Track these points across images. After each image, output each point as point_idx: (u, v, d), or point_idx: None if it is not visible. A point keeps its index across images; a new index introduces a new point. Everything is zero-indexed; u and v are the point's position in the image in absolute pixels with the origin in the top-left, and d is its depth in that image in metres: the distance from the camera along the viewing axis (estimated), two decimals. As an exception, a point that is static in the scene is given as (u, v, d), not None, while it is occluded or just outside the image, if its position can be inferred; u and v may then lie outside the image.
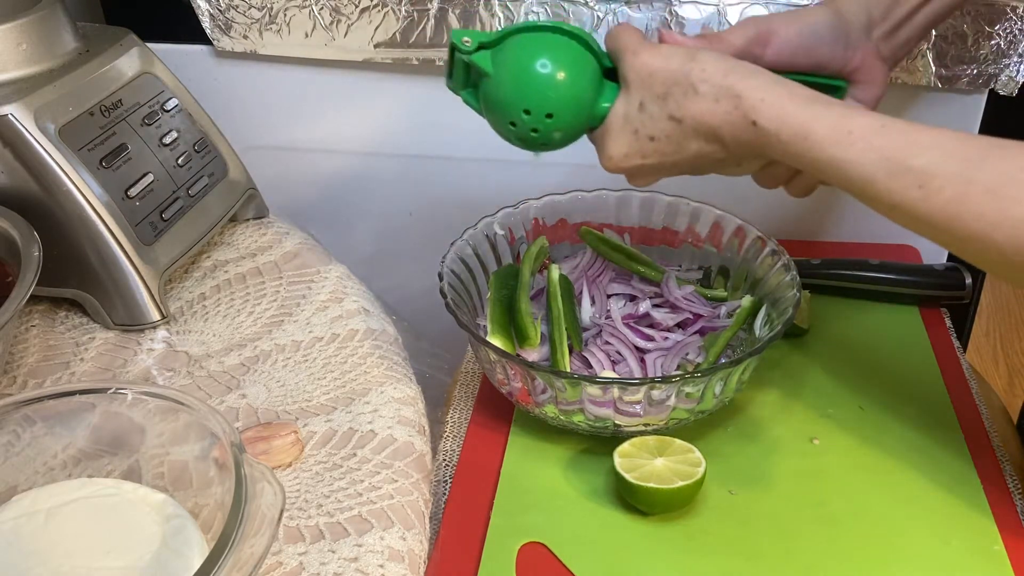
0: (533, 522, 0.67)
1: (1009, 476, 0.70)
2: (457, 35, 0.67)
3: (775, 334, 0.70)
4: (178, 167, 0.82)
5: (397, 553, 0.59)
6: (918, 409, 0.76)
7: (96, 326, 0.78)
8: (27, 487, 0.57)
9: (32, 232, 0.66)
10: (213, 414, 0.55)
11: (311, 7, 0.95)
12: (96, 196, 0.73)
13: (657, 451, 0.68)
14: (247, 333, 0.77)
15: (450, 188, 1.07)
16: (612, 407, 0.68)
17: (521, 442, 0.74)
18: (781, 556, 0.64)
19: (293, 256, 0.87)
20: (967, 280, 0.87)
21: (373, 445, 0.66)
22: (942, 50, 0.90)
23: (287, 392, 0.71)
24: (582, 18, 0.92)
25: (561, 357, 0.73)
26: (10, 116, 0.70)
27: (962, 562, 0.63)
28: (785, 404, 0.77)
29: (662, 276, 0.81)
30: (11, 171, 0.72)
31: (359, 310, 0.80)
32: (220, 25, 0.97)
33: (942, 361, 0.81)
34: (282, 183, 1.04)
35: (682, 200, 0.84)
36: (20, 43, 0.74)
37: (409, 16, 0.94)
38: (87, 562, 0.53)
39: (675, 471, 0.66)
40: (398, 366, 0.75)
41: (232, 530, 0.48)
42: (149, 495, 0.57)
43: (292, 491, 0.63)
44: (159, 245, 0.78)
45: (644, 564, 0.64)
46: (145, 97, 0.81)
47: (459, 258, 0.79)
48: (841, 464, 0.71)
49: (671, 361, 0.74)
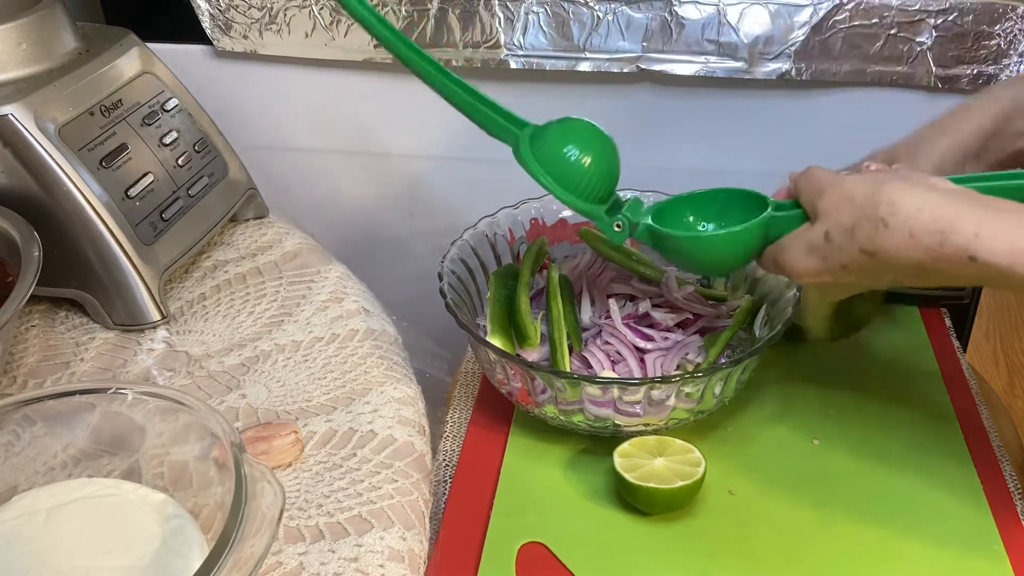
0: (533, 522, 0.67)
1: (1009, 476, 0.70)
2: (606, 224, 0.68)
3: (775, 334, 0.70)
4: (178, 167, 0.82)
5: (397, 553, 0.59)
6: (918, 409, 0.76)
7: (96, 326, 0.78)
8: (27, 487, 0.57)
9: (32, 232, 0.66)
10: (213, 414, 0.55)
11: (311, 7, 0.95)
12: (96, 196, 0.73)
13: (657, 451, 0.68)
14: (247, 333, 0.77)
15: (450, 188, 1.07)
16: (612, 407, 0.68)
17: (521, 442, 0.74)
18: (781, 556, 0.64)
19: (293, 256, 0.87)
20: (967, 280, 0.86)
21: (373, 445, 0.66)
22: (942, 50, 0.90)
23: (287, 392, 0.71)
24: (582, 18, 0.92)
25: (561, 357, 0.73)
26: (10, 116, 0.70)
27: (962, 562, 0.63)
28: (785, 404, 0.77)
29: (662, 276, 0.81)
30: (11, 171, 0.72)
31: (359, 310, 0.80)
32: (220, 25, 0.97)
33: (942, 361, 0.81)
34: (282, 183, 1.04)
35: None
36: (20, 43, 0.74)
37: (409, 16, 0.94)
38: (87, 562, 0.53)
39: (675, 471, 0.66)
40: (398, 366, 0.75)
41: (232, 530, 0.48)
42: (149, 495, 0.57)
43: (292, 491, 0.63)
44: (159, 245, 0.78)
45: (644, 564, 0.64)
46: (145, 97, 0.81)
47: (459, 258, 0.79)
48: (841, 464, 0.71)
49: (671, 361, 0.74)
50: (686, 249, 0.66)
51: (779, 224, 0.62)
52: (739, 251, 0.64)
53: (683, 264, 0.69)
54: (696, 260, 0.66)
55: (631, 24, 0.92)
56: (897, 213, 0.54)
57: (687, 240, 0.66)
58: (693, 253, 0.66)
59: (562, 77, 0.96)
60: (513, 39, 0.94)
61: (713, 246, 0.65)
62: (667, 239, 0.66)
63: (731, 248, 0.64)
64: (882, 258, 0.56)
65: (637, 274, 0.82)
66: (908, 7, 0.88)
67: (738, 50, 0.92)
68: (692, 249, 0.66)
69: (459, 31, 0.94)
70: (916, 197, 0.54)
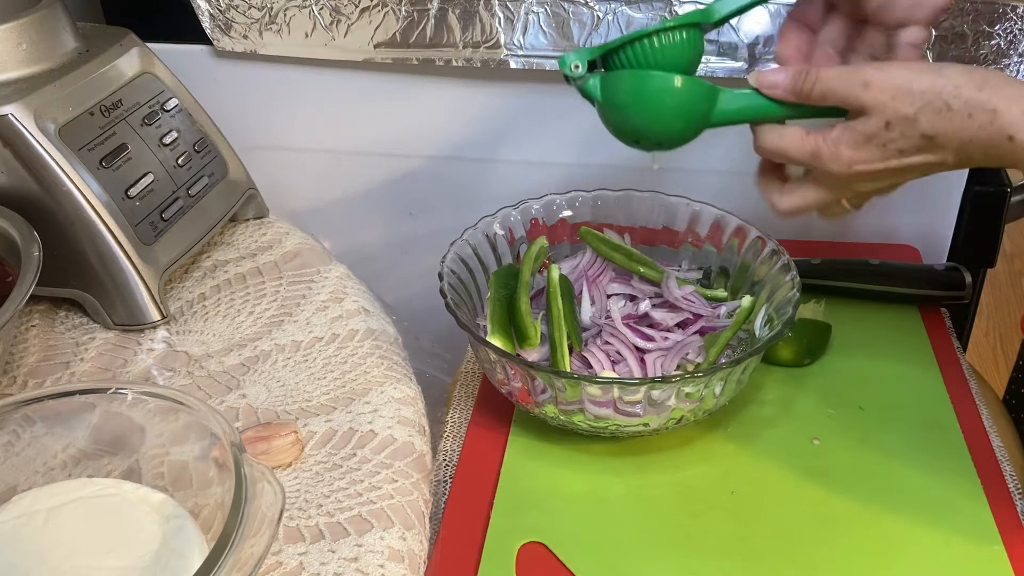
0: (533, 522, 0.67)
1: (1009, 476, 0.70)
2: (565, 62, 0.67)
3: (775, 334, 0.70)
4: (178, 167, 0.82)
5: (397, 553, 0.59)
6: (918, 409, 0.76)
7: (96, 326, 0.78)
8: (27, 487, 0.57)
9: (32, 232, 0.66)
10: (213, 414, 0.55)
11: (311, 7, 0.95)
12: (96, 196, 0.73)
13: None
14: (247, 333, 0.77)
15: (450, 188, 1.07)
16: (612, 407, 0.68)
17: (521, 442, 0.74)
18: (781, 556, 0.64)
19: (293, 256, 0.87)
20: (967, 280, 0.86)
21: (373, 445, 0.66)
22: (942, 50, 0.90)
23: (287, 392, 0.71)
24: (582, 18, 0.92)
25: (561, 357, 0.73)
26: (10, 116, 0.70)
27: (962, 562, 0.63)
28: (785, 404, 0.77)
29: (662, 276, 0.81)
30: (11, 171, 0.72)
31: (359, 310, 0.80)
32: (220, 25, 0.97)
33: (942, 361, 0.81)
34: (282, 183, 1.04)
35: (682, 200, 0.84)
36: (20, 43, 0.74)
37: (409, 16, 0.94)
38: (87, 562, 0.53)
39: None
40: (398, 366, 0.75)
41: (232, 530, 0.48)
42: (149, 495, 0.57)
43: (292, 491, 0.63)
44: (159, 245, 0.78)
45: (644, 564, 0.64)
46: (145, 97, 0.81)
47: (459, 258, 0.79)
48: (841, 464, 0.71)
49: (671, 361, 0.74)
50: (634, 90, 0.65)
51: (736, 98, 0.64)
52: (687, 102, 0.64)
53: (631, 118, 0.66)
54: (642, 108, 0.65)
55: (631, 24, 0.92)
56: (960, 95, 0.58)
57: (636, 78, 0.65)
58: (643, 98, 0.65)
59: (562, 77, 0.96)
60: (513, 39, 0.94)
61: (662, 89, 0.64)
62: (619, 79, 0.66)
63: (679, 97, 0.64)
64: (940, 140, 0.59)
65: (637, 274, 0.82)
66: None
67: (738, 50, 0.92)
68: (641, 92, 0.65)
69: (459, 31, 0.94)
70: (975, 76, 0.59)
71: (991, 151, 0.59)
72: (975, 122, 0.58)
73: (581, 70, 0.66)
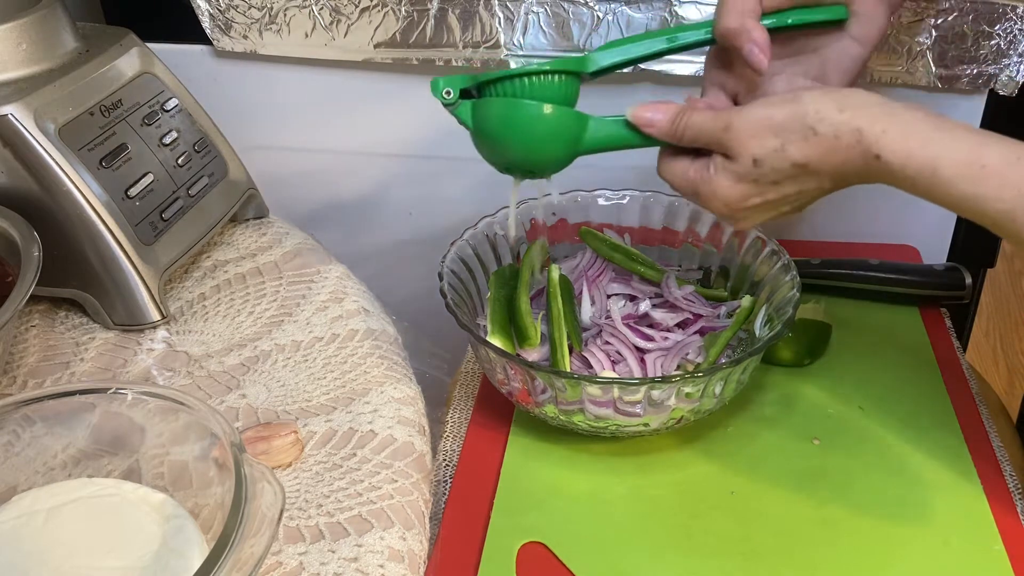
0: (533, 522, 0.67)
1: (1009, 476, 0.70)
2: (436, 86, 0.67)
3: (775, 334, 0.70)
4: (178, 167, 0.82)
5: (397, 553, 0.59)
6: (918, 409, 0.76)
7: (96, 326, 0.78)
8: (27, 487, 0.57)
9: (32, 232, 0.66)
10: (213, 414, 0.55)
11: (311, 7, 0.95)
12: (96, 196, 0.73)
13: None
14: (247, 333, 0.77)
15: (450, 188, 1.07)
16: (612, 407, 0.68)
17: (521, 442, 0.74)
18: (781, 556, 0.64)
19: (293, 256, 0.87)
20: (967, 280, 0.87)
21: (373, 445, 0.66)
22: (942, 50, 0.90)
23: (287, 392, 0.71)
24: (582, 18, 0.92)
25: (561, 357, 0.73)
26: (10, 116, 0.70)
27: (962, 562, 0.63)
28: (785, 404, 0.77)
29: (662, 276, 0.81)
30: (11, 171, 0.72)
31: (359, 310, 0.80)
32: (220, 25, 0.97)
33: (942, 361, 0.81)
34: (282, 183, 1.04)
35: (682, 200, 0.84)
36: (20, 43, 0.74)
37: (409, 16, 0.94)
38: (87, 562, 0.53)
39: None
40: (398, 366, 0.75)
41: (232, 530, 0.48)
42: (149, 495, 0.57)
43: (292, 491, 0.63)
44: (159, 245, 0.78)
45: (644, 564, 0.64)
46: (145, 97, 0.81)
47: (459, 258, 0.79)
48: (841, 464, 0.71)
49: (671, 361, 0.74)
50: (504, 116, 0.66)
51: (605, 125, 0.66)
52: (556, 130, 0.65)
53: (501, 145, 0.68)
54: (511, 134, 0.66)
55: (631, 24, 0.92)
56: (823, 119, 0.58)
57: (506, 105, 0.66)
58: (512, 124, 0.66)
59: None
60: (513, 39, 0.94)
61: (531, 116, 0.65)
62: (489, 105, 0.66)
63: (547, 124, 0.65)
64: (813, 166, 0.59)
65: (637, 274, 0.82)
66: (908, 7, 0.88)
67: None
68: (510, 118, 0.66)
69: (459, 31, 0.94)
70: (833, 98, 0.59)
71: (863, 172, 0.59)
72: (843, 143, 0.58)
73: (452, 96, 0.67)
